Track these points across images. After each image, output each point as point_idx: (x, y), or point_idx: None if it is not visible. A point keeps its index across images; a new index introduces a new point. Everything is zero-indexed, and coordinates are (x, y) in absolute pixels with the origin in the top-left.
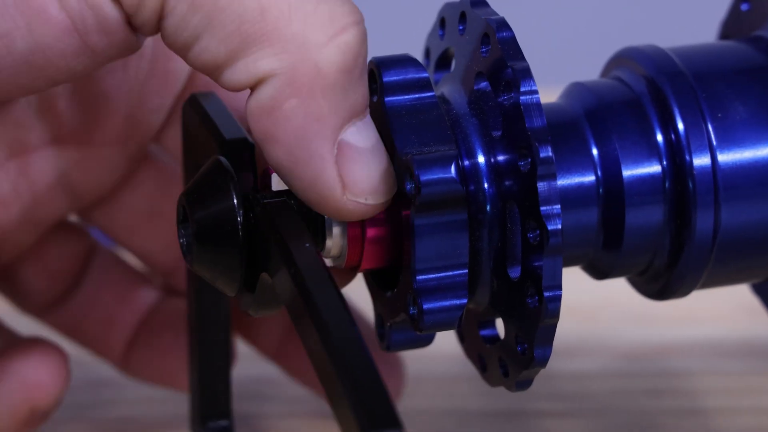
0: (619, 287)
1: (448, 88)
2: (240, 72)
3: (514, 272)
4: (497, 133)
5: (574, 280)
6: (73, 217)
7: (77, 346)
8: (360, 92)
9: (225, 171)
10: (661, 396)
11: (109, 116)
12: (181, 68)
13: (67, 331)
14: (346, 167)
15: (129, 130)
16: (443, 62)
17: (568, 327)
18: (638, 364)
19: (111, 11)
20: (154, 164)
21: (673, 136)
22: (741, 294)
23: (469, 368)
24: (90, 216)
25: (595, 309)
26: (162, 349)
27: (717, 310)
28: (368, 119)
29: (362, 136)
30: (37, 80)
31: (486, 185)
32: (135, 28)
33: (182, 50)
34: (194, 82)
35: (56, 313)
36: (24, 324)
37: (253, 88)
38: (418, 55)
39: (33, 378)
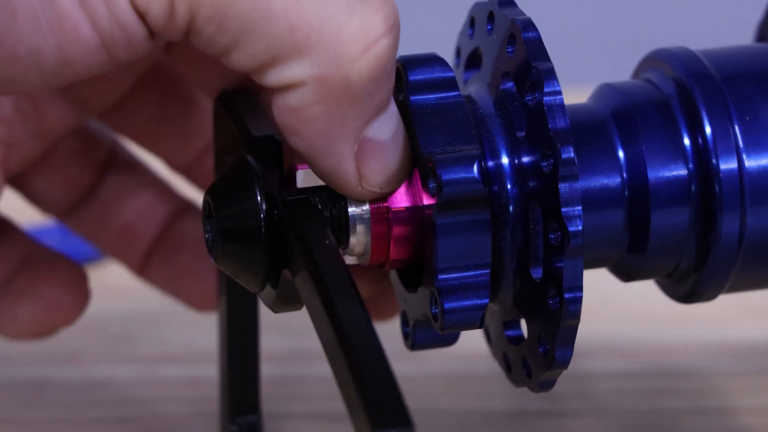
0: (620, 287)
1: (475, 87)
2: (269, 78)
3: (537, 273)
4: (521, 134)
5: None
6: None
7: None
8: (386, 90)
9: (250, 169)
10: (662, 396)
11: None
12: None
13: (87, 235)
14: (365, 162)
15: None
16: (473, 61)
17: None
18: (639, 364)
19: (140, 30)
20: (161, 72)
21: (700, 140)
22: (742, 295)
23: (468, 368)
24: (100, 119)
25: (596, 309)
26: (178, 264)
27: (718, 311)
28: (391, 109)
29: (383, 129)
30: (59, 85)
31: (509, 185)
32: (161, 42)
33: (211, 57)
34: None
35: (76, 218)
36: None
37: (281, 88)
38: (449, 53)
39: (55, 301)
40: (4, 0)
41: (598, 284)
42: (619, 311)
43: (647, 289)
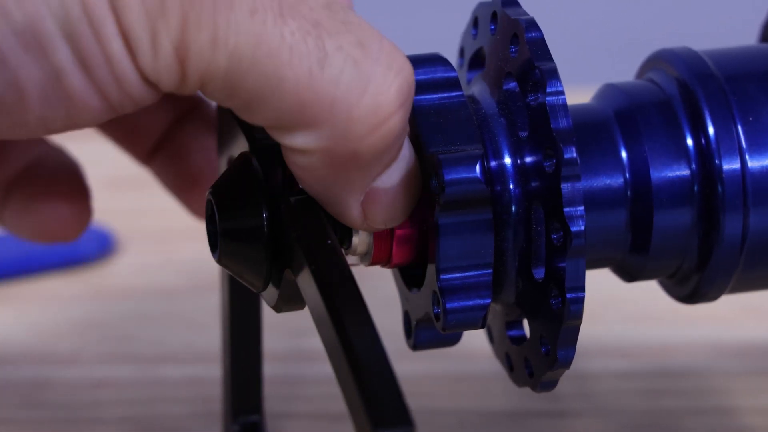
0: (621, 287)
1: (478, 87)
2: (277, 137)
3: (539, 273)
4: (524, 134)
5: None
6: None
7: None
8: (396, 151)
9: (253, 169)
10: (662, 396)
11: None
12: None
13: (96, 128)
14: (370, 208)
15: None
16: (476, 61)
17: None
18: (638, 364)
19: (149, 95)
20: None
21: (703, 140)
22: (742, 295)
23: (468, 368)
24: None
25: (597, 309)
26: (181, 168)
27: (718, 311)
28: (401, 156)
29: (391, 177)
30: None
31: (512, 186)
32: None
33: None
34: None
35: None
36: None
37: (289, 148)
38: (453, 53)
39: (57, 221)
40: (13, 81)
41: (599, 284)
42: (619, 311)
43: (648, 289)
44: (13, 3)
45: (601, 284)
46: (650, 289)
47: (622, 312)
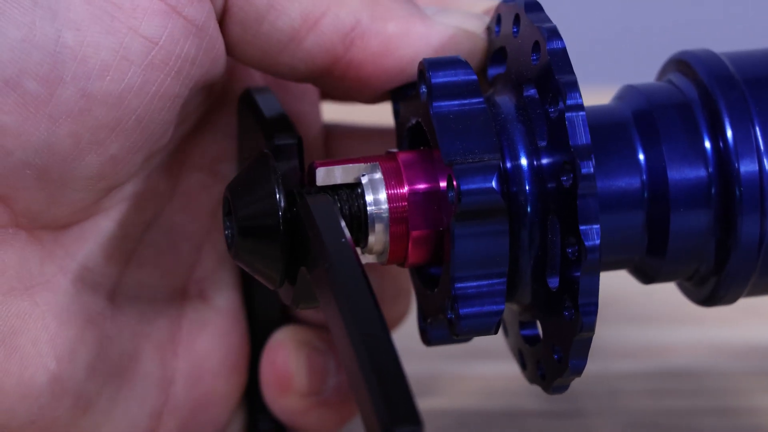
0: (621, 287)
1: (498, 88)
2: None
3: (553, 282)
4: (543, 143)
5: None
6: None
7: None
8: None
9: (270, 167)
10: (662, 396)
11: None
12: None
13: None
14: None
15: None
16: (498, 58)
17: None
18: (639, 364)
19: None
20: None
21: (721, 142)
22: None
23: (467, 368)
24: None
25: (599, 309)
26: None
27: (718, 311)
28: None
29: None
30: None
31: (529, 194)
32: None
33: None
34: None
35: None
36: None
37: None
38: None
39: None
40: None
41: (602, 284)
42: (621, 311)
43: (648, 290)
44: None
45: (604, 284)
46: (652, 290)
47: (624, 312)
